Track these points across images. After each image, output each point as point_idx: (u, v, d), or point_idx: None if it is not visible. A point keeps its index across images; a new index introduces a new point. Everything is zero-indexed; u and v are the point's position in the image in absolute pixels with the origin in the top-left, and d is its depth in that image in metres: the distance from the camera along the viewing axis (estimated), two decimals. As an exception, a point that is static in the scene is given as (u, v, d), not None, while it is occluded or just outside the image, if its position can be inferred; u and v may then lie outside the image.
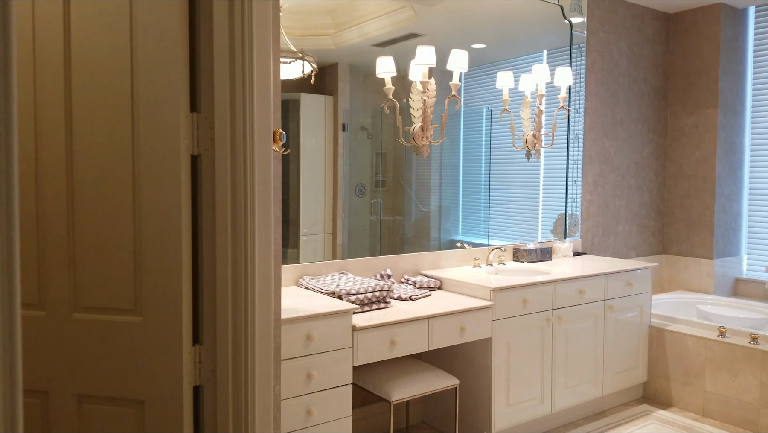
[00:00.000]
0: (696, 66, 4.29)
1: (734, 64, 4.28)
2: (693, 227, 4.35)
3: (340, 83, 3.15)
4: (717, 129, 4.20)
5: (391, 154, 3.28)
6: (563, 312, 3.13)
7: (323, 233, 3.05)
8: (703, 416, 3.40)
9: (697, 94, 4.29)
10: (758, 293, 4.25)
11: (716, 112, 4.19)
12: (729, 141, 4.29)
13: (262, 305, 1.72)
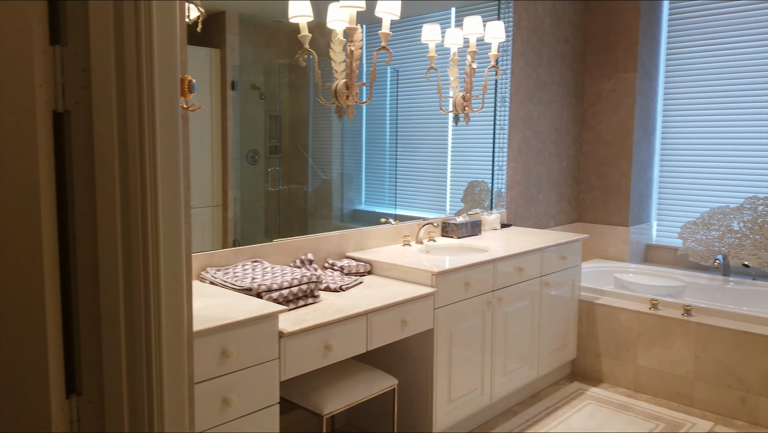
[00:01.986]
0: (616, 27, 4.15)
1: (651, 27, 4.18)
2: (609, 194, 4.27)
3: (229, 35, 2.59)
4: (635, 94, 4.10)
5: (287, 116, 2.79)
6: (504, 292, 2.85)
7: (211, 205, 2.53)
8: (635, 391, 3.31)
9: (616, 57, 4.16)
10: (668, 259, 4.28)
11: (635, 76, 4.09)
12: (645, 107, 4.22)
13: (172, 328, 1.20)
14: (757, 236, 3.75)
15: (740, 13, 3.92)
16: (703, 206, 4.09)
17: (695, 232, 3.96)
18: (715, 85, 4.06)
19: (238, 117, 2.59)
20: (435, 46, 3.01)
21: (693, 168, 4.21)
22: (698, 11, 4.09)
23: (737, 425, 2.93)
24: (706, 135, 4.13)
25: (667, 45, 4.27)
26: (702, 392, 3.09)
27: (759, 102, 3.90)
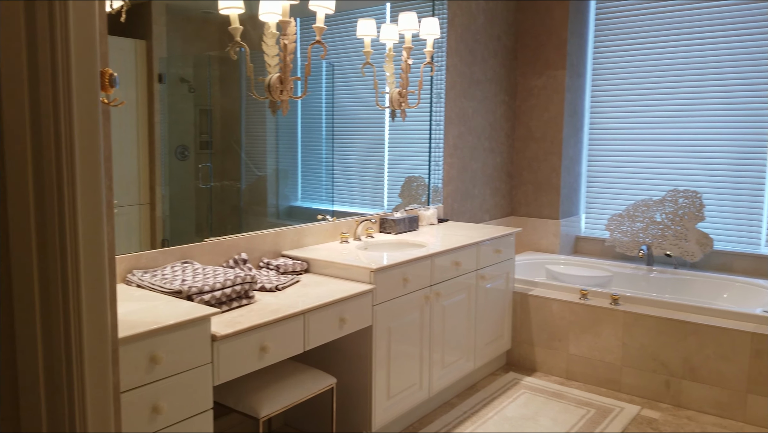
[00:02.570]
0: (546, 26, 4.26)
1: (579, 27, 4.32)
2: (541, 189, 4.39)
3: (155, 26, 2.48)
4: (565, 91, 4.23)
5: (219, 111, 2.71)
6: (441, 287, 2.87)
7: (138, 204, 2.43)
8: (567, 379, 3.43)
9: (547, 55, 4.27)
10: (596, 250, 4.45)
11: (564, 74, 4.21)
12: (573, 103, 4.36)
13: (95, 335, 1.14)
14: (677, 226, 3.95)
15: (662, 14, 4.11)
16: (629, 199, 4.27)
17: (621, 224, 4.14)
18: (638, 83, 4.25)
19: (166, 111, 2.48)
20: (371, 42, 2.99)
21: (619, 163, 4.39)
22: (622, 11, 4.26)
23: (662, 408, 3.08)
24: (631, 131, 4.32)
25: (594, 44, 4.42)
26: (629, 377, 3.23)
27: (679, 99, 4.11)
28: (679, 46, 4.07)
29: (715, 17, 3.93)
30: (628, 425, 2.89)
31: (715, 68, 3.96)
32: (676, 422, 2.94)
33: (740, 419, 2.94)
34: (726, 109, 3.95)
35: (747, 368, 2.90)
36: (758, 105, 3.83)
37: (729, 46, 3.90)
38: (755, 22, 3.80)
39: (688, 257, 3.91)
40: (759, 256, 3.86)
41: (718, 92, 3.96)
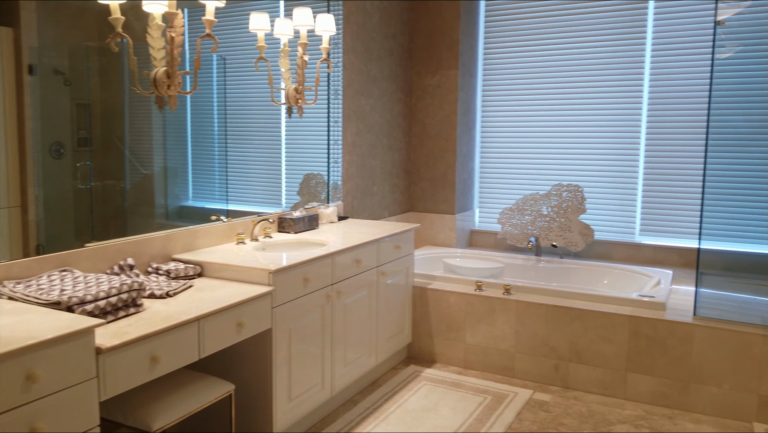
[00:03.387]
0: (439, 26, 4.36)
1: (470, 27, 4.47)
2: (437, 185, 4.51)
3: (24, 12, 2.27)
4: (458, 90, 4.36)
5: (99, 105, 2.53)
6: (342, 285, 2.86)
7: (7, 207, 2.22)
8: (465, 368, 3.54)
9: (440, 55, 4.38)
10: (490, 243, 4.63)
11: (457, 73, 4.34)
12: (466, 102, 4.50)
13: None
14: (562, 219, 4.20)
15: (546, 16, 4.34)
16: (518, 194, 4.48)
17: (511, 217, 4.34)
18: (525, 83, 4.47)
19: (38, 105, 2.27)
20: (264, 36, 2.92)
21: (508, 159, 4.60)
22: (509, 13, 4.46)
23: (552, 390, 3.27)
24: (519, 129, 4.53)
25: (484, 44, 4.60)
26: (522, 363, 3.39)
27: (563, 98, 4.36)
28: (562, 48, 4.33)
29: (594, 20, 4.22)
30: (522, 409, 3.04)
31: (595, 69, 4.25)
32: (564, 403, 3.13)
33: (621, 396, 3.18)
34: (604, 108, 4.25)
35: (626, 348, 3.14)
36: (633, 105, 4.15)
37: (607, 48, 4.20)
38: (631, 26, 4.11)
39: (572, 247, 4.17)
40: (634, 244, 4.20)
41: (598, 92, 4.26)
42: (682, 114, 4.02)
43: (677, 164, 4.06)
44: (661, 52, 4.05)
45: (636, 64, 4.12)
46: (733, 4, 3.63)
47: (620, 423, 2.92)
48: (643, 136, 4.16)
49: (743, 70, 3.76)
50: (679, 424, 2.91)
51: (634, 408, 3.08)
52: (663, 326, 3.06)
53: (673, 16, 3.99)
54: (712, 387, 2.98)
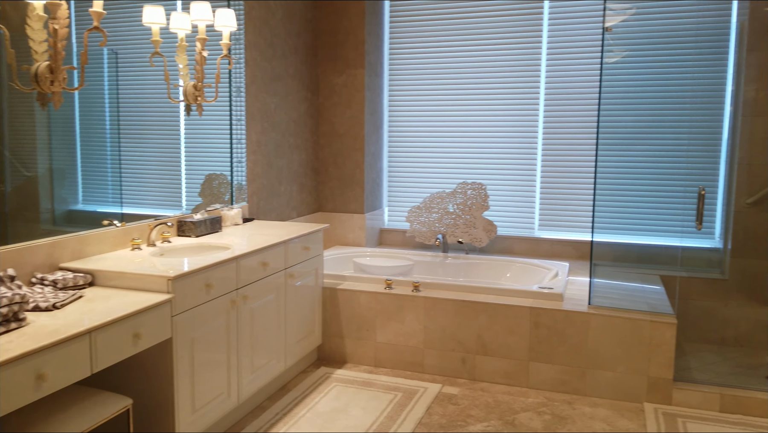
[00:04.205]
0: (344, 25, 4.35)
1: (375, 27, 4.49)
2: (346, 184, 4.49)
3: None
4: (365, 90, 4.37)
5: None
6: (248, 289, 2.78)
7: None
8: (376, 367, 3.56)
9: (346, 54, 4.37)
10: (399, 241, 4.68)
11: (363, 72, 4.34)
12: (373, 102, 4.52)
13: None
14: (467, 216, 4.32)
15: (448, 18, 4.45)
16: (426, 192, 4.56)
17: (419, 215, 4.41)
18: (430, 83, 4.55)
19: None
20: (159, 30, 2.78)
21: (416, 158, 4.67)
22: (413, 13, 4.53)
23: (460, 383, 3.35)
24: (425, 128, 4.62)
25: (389, 44, 4.64)
26: (431, 358, 3.46)
27: (466, 98, 4.49)
28: (464, 50, 4.45)
29: (494, 23, 4.36)
30: (432, 404, 3.10)
31: (495, 71, 4.40)
32: (472, 394, 3.22)
33: (524, 384, 3.32)
34: (504, 108, 4.41)
35: (528, 338, 3.28)
36: (531, 106, 4.34)
37: (506, 50, 4.36)
38: (528, 29, 4.29)
39: (477, 243, 4.30)
40: (534, 238, 4.39)
41: (498, 93, 4.41)
42: (576, 115, 4.25)
43: (571, 163, 4.29)
44: (555, 55, 4.26)
45: (533, 66, 4.31)
46: (620, 12, 3.89)
47: (524, 411, 3.04)
48: (540, 136, 4.36)
49: (629, 74, 4.04)
50: (578, 408, 3.08)
51: (537, 396, 3.22)
52: (561, 316, 3.22)
53: (566, 21, 4.21)
54: (606, 372, 3.18)
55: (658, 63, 3.99)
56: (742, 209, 3.83)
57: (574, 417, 2.98)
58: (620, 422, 2.94)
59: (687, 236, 3.92)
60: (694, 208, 3.32)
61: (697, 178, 3.96)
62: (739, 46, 3.80)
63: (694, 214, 3.31)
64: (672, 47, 3.96)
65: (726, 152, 3.90)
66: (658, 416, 2.97)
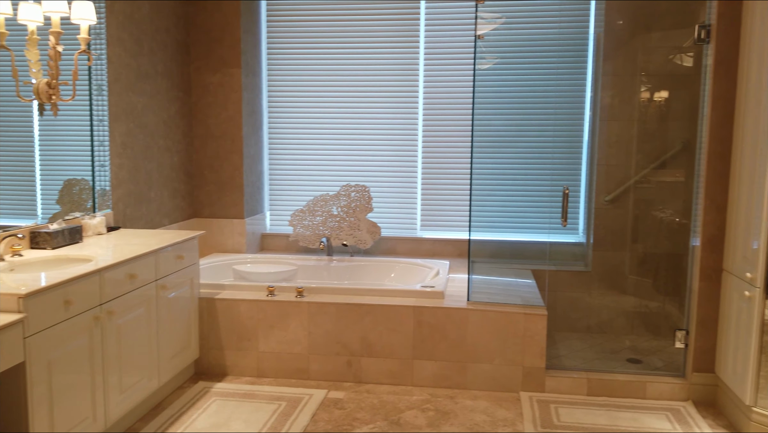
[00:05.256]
0: (218, 22, 4.17)
1: (252, 26, 4.35)
2: (224, 188, 4.32)
3: None
4: (242, 90, 4.22)
5: None
6: (114, 304, 2.57)
7: None
8: (258, 377, 3.44)
9: (222, 52, 4.20)
10: (282, 246, 4.58)
11: (240, 72, 4.20)
12: (251, 102, 4.38)
13: None
14: (351, 218, 4.31)
15: (327, 18, 4.41)
16: (309, 195, 4.50)
17: (303, 219, 4.34)
18: (311, 84, 4.50)
19: None
20: (5, 21, 2.50)
21: (298, 160, 4.60)
22: (291, 12, 4.45)
23: (346, 387, 3.33)
24: (307, 129, 4.55)
25: (267, 43, 4.52)
26: (316, 364, 3.40)
27: (348, 99, 4.48)
28: (343, 51, 4.44)
29: (372, 27, 4.40)
30: (317, 410, 3.04)
31: (375, 73, 4.43)
32: (358, 397, 3.21)
33: (409, 383, 3.36)
34: (385, 111, 4.46)
35: (412, 337, 3.33)
36: (410, 109, 4.42)
37: (385, 53, 4.41)
38: (406, 32, 4.37)
39: (362, 245, 4.31)
40: (416, 238, 4.48)
41: (379, 95, 4.45)
42: (453, 118, 4.39)
43: (450, 164, 4.43)
44: (432, 59, 4.38)
45: (411, 69, 4.40)
46: (491, 20, 4.07)
47: (409, 409, 3.08)
48: (420, 139, 4.45)
49: (500, 80, 4.24)
50: (460, 402, 3.17)
51: (421, 393, 3.27)
52: (442, 313, 3.30)
53: (441, 26, 4.34)
54: (485, 365, 3.30)
55: (525, 70, 4.22)
56: (602, 206, 4.16)
57: (457, 411, 3.06)
58: (499, 412, 3.06)
59: (554, 232, 4.19)
60: (560, 207, 3.54)
61: (562, 178, 4.24)
62: (596, 55, 4.12)
63: (560, 211, 3.53)
64: (538, 55, 4.21)
65: (587, 154, 4.22)
66: (533, 404, 3.13)
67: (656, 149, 4.08)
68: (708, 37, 3.11)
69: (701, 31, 3.13)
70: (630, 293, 4.17)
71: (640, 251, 4.17)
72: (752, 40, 2.84)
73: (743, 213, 2.88)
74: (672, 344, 3.37)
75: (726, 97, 3.04)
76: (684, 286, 3.37)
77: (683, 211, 3.87)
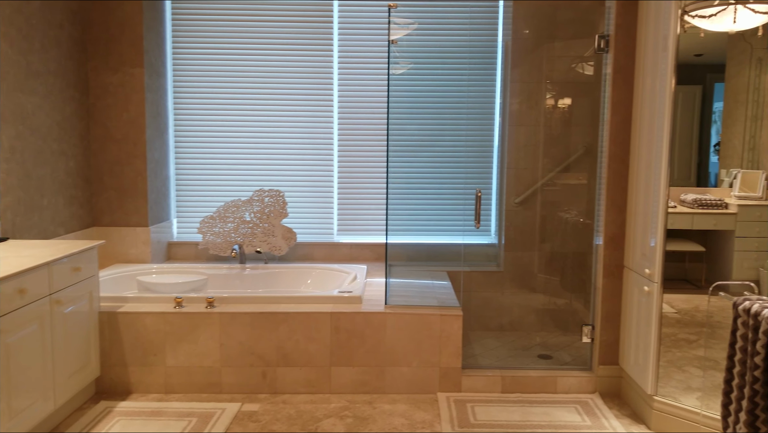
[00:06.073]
0: (118, 19, 3.93)
1: (156, 24, 4.14)
2: (126, 195, 4.07)
3: None
4: (144, 90, 3.99)
5: None
6: (1, 322, 2.33)
7: None
8: (166, 393, 3.25)
9: (122, 51, 3.95)
10: (191, 254, 4.38)
11: (143, 71, 3.97)
12: (156, 104, 4.16)
13: None
14: (265, 224, 4.19)
15: (237, 19, 4.28)
16: (219, 201, 4.33)
17: (213, 225, 4.16)
18: (220, 86, 4.34)
19: None
20: None
21: (207, 164, 4.41)
22: (198, 12, 4.27)
23: (261, 398, 3.21)
24: (217, 133, 4.39)
25: (172, 43, 4.32)
26: (229, 376, 3.26)
27: (260, 102, 4.35)
28: (254, 52, 4.32)
29: (283, 27, 4.30)
30: (231, 424, 2.91)
31: (288, 75, 4.34)
32: (273, 409, 3.10)
33: (327, 391, 3.29)
34: (300, 114, 4.38)
35: (329, 344, 3.26)
36: (326, 112, 4.37)
37: (298, 55, 4.33)
38: (319, 34, 4.31)
39: (276, 252, 4.20)
40: (333, 243, 4.42)
41: (293, 98, 4.36)
42: (369, 122, 4.38)
43: (366, 168, 4.41)
44: (347, 63, 4.34)
45: (325, 72, 4.34)
46: (404, 26, 4.09)
47: (327, 418, 3.01)
48: (335, 143, 4.41)
49: (414, 85, 4.27)
50: (378, 407, 3.14)
51: (339, 400, 3.21)
52: (360, 318, 3.27)
53: (355, 31, 4.32)
54: (403, 368, 3.29)
55: (438, 75, 4.28)
56: (512, 208, 4.28)
57: (375, 416, 3.03)
58: (417, 414, 3.06)
59: (468, 234, 4.27)
60: (473, 209, 3.61)
61: (475, 181, 4.34)
62: (505, 63, 4.24)
63: (474, 214, 3.60)
64: (450, 61, 4.28)
65: (497, 158, 4.33)
66: (450, 405, 3.16)
67: (561, 153, 4.26)
68: (607, 47, 3.28)
69: (600, 41, 3.30)
70: (539, 291, 4.32)
71: (548, 250, 4.33)
72: (646, 49, 3.02)
73: (641, 212, 3.05)
74: (579, 339, 3.51)
75: (624, 103, 3.21)
76: (589, 283, 3.52)
77: (587, 212, 4.05)
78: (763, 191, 2.92)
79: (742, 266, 2.95)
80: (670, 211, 2.81)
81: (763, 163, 2.92)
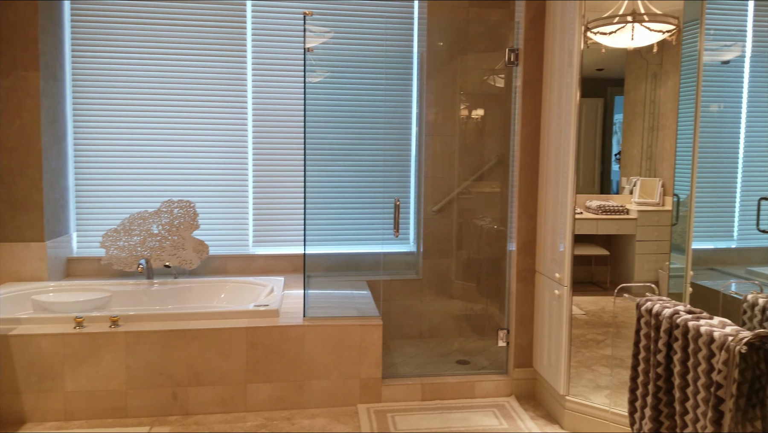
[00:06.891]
0: (8, 19, 3.63)
1: (53, 26, 3.86)
2: (19, 207, 3.75)
3: None
4: (40, 95, 3.71)
5: None
6: None
7: None
8: (66, 421, 3.00)
9: (13, 53, 3.65)
10: (93, 270, 4.10)
11: (38, 75, 3.69)
12: (53, 110, 3.87)
13: None
14: (174, 237, 3.99)
15: (144, 22, 4.07)
16: (124, 213, 4.09)
17: (117, 239, 3.92)
18: (125, 93, 4.10)
19: None
20: None
21: (111, 174, 4.16)
22: (100, 14, 4.04)
23: (171, 421, 3.04)
24: (121, 141, 4.14)
25: (72, 46, 4.05)
26: (136, 399, 3.06)
27: (168, 109, 4.16)
28: (162, 58, 4.13)
29: (197, 31, 4.14)
30: (139, 452, 2.73)
31: (199, 82, 4.18)
32: (185, 431, 2.94)
33: (242, 409, 3.16)
34: (212, 122, 4.22)
35: (245, 360, 3.14)
36: (239, 121, 4.23)
37: (210, 60, 4.17)
38: (232, 39, 4.18)
39: (187, 265, 4.01)
40: (248, 255, 4.28)
41: (204, 106, 4.20)
42: (285, 131, 4.29)
43: (283, 178, 4.31)
44: (261, 70, 4.24)
45: (239, 79, 4.22)
46: (320, 34, 4.05)
47: (243, 438, 2.89)
48: (250, 152, 4.28)
49: (331, 94, 4.24)
50: (297, 423, 3.05)
51: (255, 418, 3.09)
52: (278, 332, 3.17)
53: (270, 38, 4.23)
54: (322, 381, 3.22)
55: (356, 85, 4.27)
56: (430, 216, 4.33)
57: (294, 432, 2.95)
58: (337, 427, 3.00)
59: (387, 243, 4.27)
60: (392, 218, 3.61)
61: (393, 190, 4.35)
62: (420, 74, 4.30)
63: (392, 222, 3.60)
64: (367, 71, 4.28)
65: (415, 167, 4.37)
66: (370, 416, 3.12)
67: (475, 162, 4.36)
68: (517, 60, 3.39)
69: (511, 54, 3.41)
70: (457, 297, 4.39)
71: (465, 257, 4.41)
72: (553, 64, 3.15)
73: (551, 219, 3.16)
74: (495, 343, 3.58)
75: (533, 114, 3.33)
76: (504, 288, 3.61)
77: (500, 219, 4.16)
78: (660, 197, 3.11)
79: (643, 268, 3.12)
80: (576, 218, 2.93)
81: (659, 171, 3.11)
